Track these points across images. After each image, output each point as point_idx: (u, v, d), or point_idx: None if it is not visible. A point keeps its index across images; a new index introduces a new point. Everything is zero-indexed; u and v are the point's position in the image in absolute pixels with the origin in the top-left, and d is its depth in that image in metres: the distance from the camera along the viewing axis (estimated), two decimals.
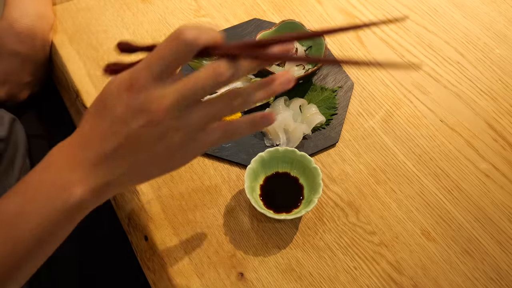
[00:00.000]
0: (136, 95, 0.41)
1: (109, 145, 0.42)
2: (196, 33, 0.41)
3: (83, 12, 0.86)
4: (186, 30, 0.41)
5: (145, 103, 0.41)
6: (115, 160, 0.43)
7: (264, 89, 0.45)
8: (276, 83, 0.45)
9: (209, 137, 0.45)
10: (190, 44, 0.41)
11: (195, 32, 0.41)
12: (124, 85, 0.42)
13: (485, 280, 0.62)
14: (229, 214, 0.65)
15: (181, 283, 0.60)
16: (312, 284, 0.61)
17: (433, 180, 0.69)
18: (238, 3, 0.88)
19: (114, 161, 0.43)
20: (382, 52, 0.83)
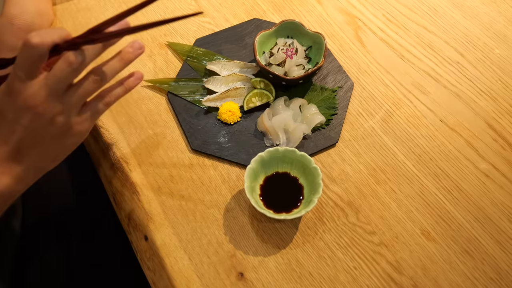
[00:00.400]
0: (15, 98, 0.51)
1: (13, 142, 0.52)
2: (40, 36, 0.49)
3: (83, 12, 0.86)
4: (31, 37, 0.49)
5: (25, 102, 0.51)
6: (23, 151, 0.53)
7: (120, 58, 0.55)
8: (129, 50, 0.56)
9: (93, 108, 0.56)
10: (37, 47, 0.49)
11: (40, 36, 0.49)
12: (5, 94, 0.52)
13: (485, 280, 0.62)
14: (229, 214, 0.65)
15: (181, 283, 0.60)
16: (312, 284, 0.61)
17: (433, 180, 0.69)
18: (238, 3, 0.89)
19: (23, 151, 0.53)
20: (382, 52, 0.83)
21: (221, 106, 0.73)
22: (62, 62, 0.51)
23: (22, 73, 0.50)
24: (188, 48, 0.81)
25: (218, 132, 0.72)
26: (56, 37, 0.51)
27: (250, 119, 0.73)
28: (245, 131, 0.72)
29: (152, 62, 0.80)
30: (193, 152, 0.71)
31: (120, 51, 0.56)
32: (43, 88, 0.51)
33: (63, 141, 0.56)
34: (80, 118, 0.55)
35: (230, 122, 0.73)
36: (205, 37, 0.83)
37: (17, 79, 0.51)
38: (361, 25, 0.87)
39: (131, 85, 0.59)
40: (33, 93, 0.51)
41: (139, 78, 0.59)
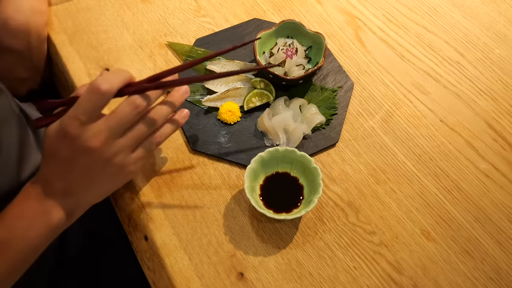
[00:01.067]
0: (73, 140, 0.52)
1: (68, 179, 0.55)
2: (109, 83, 0.52)
3: (83, 12, 0.86)
4: (100, 84, 0.52)
5: (84, 144, 0.53)
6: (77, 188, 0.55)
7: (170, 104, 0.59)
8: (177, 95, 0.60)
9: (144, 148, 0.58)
10: (106, 93, 0.52)
11: (109, 82, 0.52)
12: (60, 135, 0.53)
13: (485, 280, 0.62)
14: (229, 214, 0.65)
15: (181, 283, 0.60)
16: (312, 284, 0.61)
17: (433, 180, 0.69)
18: (238, 3, 0.89)
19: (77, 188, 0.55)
20: (382, 52, 0.83)
21: (221, 106, 0.73)
22: (128, 105, 0.54)
23: (84, 116, 0.52)
24: (188, 48, 0.81)
25: (218, 132, 0.72)
26: (122, 82, 0.54)
27: (250, 119, 0.73)
28: (245, 131, 0.72)
29: (152, 62, 0.80)
30: (193, 152, 0.71)
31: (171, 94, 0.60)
32: (105, 130, 0.53)
33: (115, 179, 0.58)
34: (134, 158, 0.57)
35: (230, 122, 0.73)
36: (205, 37, 0.83)
37: (77, 122, 0.52)
38: (361, 25, 0.87)
39: (179, 124, 0.62)
40: (92, 136, 0.53)
41: (186, 117, 0.62)
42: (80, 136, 0.52)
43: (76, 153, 0.53)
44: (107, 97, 0.52)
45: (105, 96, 0.52)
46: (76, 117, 0.52)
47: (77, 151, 0.53)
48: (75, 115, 0.52)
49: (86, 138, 0.52)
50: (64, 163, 0.54)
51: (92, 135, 0.53)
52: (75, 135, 0.52)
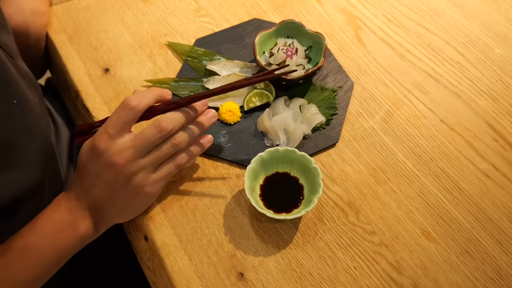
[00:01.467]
0: (101, 154, 0.56)
1: (94, 193, 0.57)
2: (138, 100, 0.56)
3: (83, 12, 0.86)
4: (130, 99, 0.56)
5: (109, 158, 0.55)
6: (101, 202, 0.58)
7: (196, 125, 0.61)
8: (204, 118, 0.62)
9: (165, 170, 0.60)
10: (133, 109, 0.56)
11: (137, 99, 0.56)
12: (91, 150, 0.56)
13: (485, 280, 0.62)
14: (229, 214, 0.65)
15: (181, 283, 0.60)
16: (312, 284, 0.61)
17: (433, 180, 0.69)
18: (238, 3, 0.89)
19: (101, 203, 0.58)
20: (382, 52, 0.83)
21: (221, 106, 0.73)
22: (153, 128, 0.56)
23: (113, 131, 0.55)
24: (188, 48, 0.81)
25: (218, 132, 0.72)
26: (151, 100, 0.58)
27: (250, 119, 0.73)
28: (245, 131, 0.72)
29: (152, 62, 0.80)
30: None
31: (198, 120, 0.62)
32: (129, 149, 0.56)
33: (135, 199, 0.60)
34: (153, 179, 0.59)
35: (230, 122, 0.73)
36: (205, 37, 0.83)
37: (106, 136, 0.55)
38: (361, 25, 0.87)
39: (200, 149, 0.63)
40: (118, 151, 0.55)
41: (210, 142, 0.64)
42: (107, 150, 0.55)
43: (102, 168, 0.56)
44: (135, 113, 0.56)
45: (133, 111, 0.55)
46: (105, 131, 0.55)
47: (103, 165, 0.56)
48: (105, 130, 0.56)
49: (111, 153, 0.55)
50: (91, 177, 0.57)
51: (117, 151, 0.55)
52: (103, 148, 0.55)
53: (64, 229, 0.57)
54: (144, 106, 0.57)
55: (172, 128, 0.57)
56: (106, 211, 0.59)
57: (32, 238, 0.56)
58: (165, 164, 0.60)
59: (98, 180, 0.57)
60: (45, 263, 0.57)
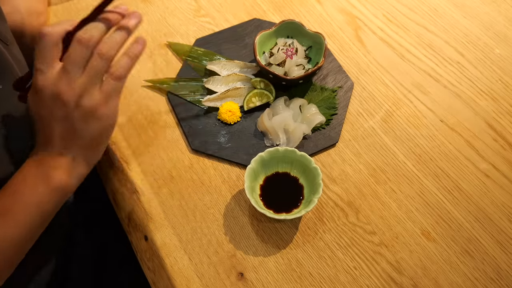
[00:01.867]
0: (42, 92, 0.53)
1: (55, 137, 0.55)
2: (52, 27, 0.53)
3: (83, 12, 0.85)
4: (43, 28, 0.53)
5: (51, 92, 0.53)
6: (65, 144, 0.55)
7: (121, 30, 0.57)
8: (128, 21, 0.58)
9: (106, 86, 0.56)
10: (49, 35, 0.53)
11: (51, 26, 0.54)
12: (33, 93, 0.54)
13: (485, 280, 0.62)
14: (229, 214, 0.65)
15: (181, 283, 0.60)
16: (312, 284, 0.61)
17: (433, 180, 0.69)
18: (238, 3, 0.89)
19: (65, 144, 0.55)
20: (382, 52, 0.83)
21: (221, 106, 0.73)
22: (73, 43, 0.53)
23: (42, 65, 0.53)
24: (188, 48, 0.81)
25: (218, 132, 0.72)
26: (66, 25, 0.54)
27: (250, 119, 0.73)
28: (245, 131, 0.72)
29: (152, 62, 0.80)
30: (193, 152, 0.71)
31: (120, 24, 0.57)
32: (63, 74, 0.53)
33: (95, 125, 0.56)
34: (102, 97, 0.55)
35: (230, 122, 0.73)
36: (205, 37, 0.83)
37: (39, 73, 0.53)
38: (361, 25, 0.87)
39: (135, 52, 0.58)
40: (55, 81, 0.53)
41: (142, 44, 0.58)
42: (45, 85, 0.53)
43: (49, 106, 0.54)
44: (51, 39, 0.53)
45: (49, 37, 0.53)
46: (36, 68, 0.53)
47: (49, 103, 0.54)
48: (35, 67, 0.53)
49: (49, 85, 0.53)
50: (46, 122, 0.55)
51: (54, 82, 0.53)
52: (41, 85, 0.53)
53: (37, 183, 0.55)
54: (60, 31, 0.53)
55: (91, 36, 0.53)
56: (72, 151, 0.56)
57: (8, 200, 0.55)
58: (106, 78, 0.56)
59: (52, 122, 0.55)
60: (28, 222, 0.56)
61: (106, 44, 0.55)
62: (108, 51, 0.55)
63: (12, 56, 0.63)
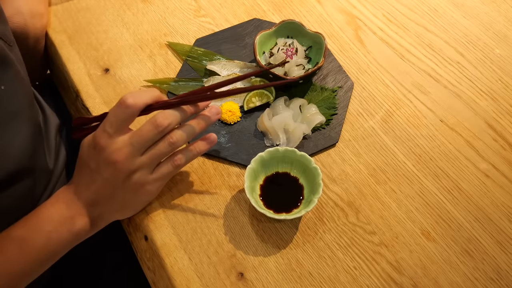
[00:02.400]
0: (100, 152, 0.56)
1: (93, 190, 0.57)
2: (134, 98, 0.55)
3: (83, 12, 0.86)
4: (126, 98, 0.55)
5: (108, 156, 0.55)
6: (100, 199, 0.58)
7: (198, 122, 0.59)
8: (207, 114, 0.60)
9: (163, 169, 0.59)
10: (131, 107, 0.55)
11: (134, 97, 0.55)
12: (91, 146, 0.57)
13: (485, 280, 0.62)
14: (229, 214, 0.65)
15: (181, 283, 0.60)
16: (312, 284, 0.61)
17: (433, 180, 0.69)
18: (238, 3, 0.89)
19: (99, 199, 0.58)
20: (382, 52, 0.83)
21: (221, 106, 0.73)
22: (149, 124, 0.55)
23: (111, 129, 0.55)
24: (188, 48, 0.81)
25: (218, 132, 0.72)
26: (149, 99, 0.57)
27: (250, 119, 0.73)
28: (245, 131, 0.72)
29: (152, 62, 0.80)
30: None
31: (199, 115, 0.60)
32: (127, 146, 0.55)
33: (135, 197, 0.60)
34: (152, 178, 0.58)
35: (230, 122, 0.73)
36: (205, 37, 0.83)
37: (105, 134, 0.55)
38: (361, 25, 0.87)
39: (202, 149, 0.61)
40: (116, 149, 0.55)
41: (213, 142, 0.61)
42: (106, 147, 0.55)
43: (101, 164, 0.56)
44: (132, 111, 0.55)
45: (130, 110, 0.55)
46: (105, 129, 0.55)
47: (102, 163, 0.56)
48: (104, 128, 0.56)
49: (111, 151, 0.55)
50: (91, 173, 0.57)
51: (116, 149, 0.55)
52: (103, 146, 0.55)
53: (61, 223, 0.57)
54: (141, 105, 0.56)
55: (168, 123, 0.56)
56: (104, 208, 0.59)
57: (30, 231, 0.57)
58: (163, 163, 0.59)
59: (97, 176, 0.57)
60: (41, 255, 0.57)
61: (178, 134, 0.57)
62: (179, 141, 0.57)
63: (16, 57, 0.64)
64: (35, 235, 0.56)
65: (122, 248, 0.78)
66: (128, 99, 0.55)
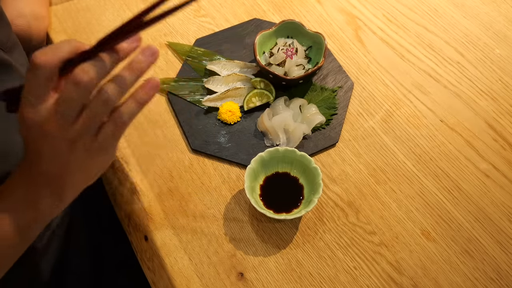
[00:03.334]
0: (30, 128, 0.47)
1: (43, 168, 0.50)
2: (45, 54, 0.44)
3: (83, 12, 0.86)
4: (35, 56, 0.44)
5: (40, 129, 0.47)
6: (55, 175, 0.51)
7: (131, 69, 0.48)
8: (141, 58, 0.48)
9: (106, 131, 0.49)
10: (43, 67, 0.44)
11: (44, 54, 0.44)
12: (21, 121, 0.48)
13: (485, 280, 0.62)
14: (229, 214, 0.65)
15: (181, 283, 0.60)
16: (312, 284, 0.61)
17: (433, 180, 0.69)
18: (238, 3, 0.89)
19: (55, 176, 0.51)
20: (382, 52, 0.83)
21: (221, 106, 0.73)
22: (69, 84, 0.46)
23: (31, 97, 0.46)
24: (188, 48, 0.81)
25: (218, 132, 0.72)
26: (64, 53, 0.46)
27: (250, 119, 0.73)
28: (245, 131, 0.72)
29: None
30: (193, 152, 0.71)
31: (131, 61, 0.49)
32: (54, 114, 0.46)
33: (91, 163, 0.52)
34: (98, 144, 0.50)
35: (230, 122, 0.73)
36: (205, 37, 0.83)
37: (28, 104, 0.46)
38: (361, 25, 0.87)
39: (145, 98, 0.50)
40: (45, 120, 0.47)
41: (155, 88, 0.50)
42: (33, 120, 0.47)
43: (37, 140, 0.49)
44: (45, 72, 0.45)
45: (42, 70, 0.44)
46: (26, 98, 0.46)
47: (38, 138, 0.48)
48: (24, 96, 0.46)
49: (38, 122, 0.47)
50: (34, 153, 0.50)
51: (44, 120, 0.47)
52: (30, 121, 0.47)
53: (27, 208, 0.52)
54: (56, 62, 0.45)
55: (90, 78, 0.45)
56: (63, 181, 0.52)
57: None
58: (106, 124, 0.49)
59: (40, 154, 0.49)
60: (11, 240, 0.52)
61: (110, 87, 0.47)
62: (112, 95, 0.47)
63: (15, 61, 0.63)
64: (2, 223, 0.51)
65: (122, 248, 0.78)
66: (36, 58, 0.44)
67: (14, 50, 0.65)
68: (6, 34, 0.63)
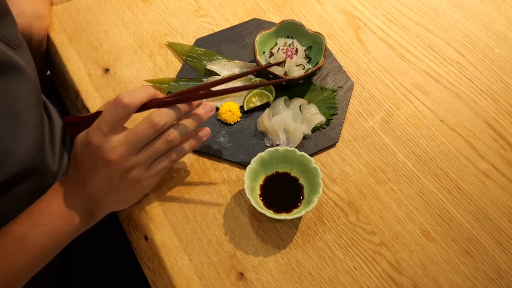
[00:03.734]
0: (95, 151, 0.56)
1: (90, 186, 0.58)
2: (131, 97, 0.55)
3: (83, 12, 0.86)
4: (123, 96, 0.55)
5: (103, 155, 0.55)
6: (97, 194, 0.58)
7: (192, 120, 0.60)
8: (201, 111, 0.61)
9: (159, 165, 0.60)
10: (127, 106, 0.55)
11: (130, 96, 0.55)
12: (85, 144, 0.57)
13: (485, 280, 0.62)
14: (229, 214, 0.65)
15: (181, 283, 0.60)
16: (312, 284, 0.61)
17: (433, 180, 0.69)
18: (238, 3, 0.89)
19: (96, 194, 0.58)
20: (382, 52, 0.83)
21: (221, 106, 0.73)
22: (146, 123, 0.56)
23: (106, 128, 0.55)
24: (188, 48, 0.81)
25: (218, 132, 0.72)
26: (144, 97, 0.57)
27: (250, 119, 0.73)
28: (245, 131, 0.72)
29: (152, 62, 0.80)
30: (193, 152, 0.71)
31: (193, 112, 0.61)
32: (123, 145, 0.55)
33: (131, 192, 0.61)
34: (149, 174, 0.59)
35: (230, 122, 0.73)
36: (205, 37, 0.83)
37: (100, 133, 0.55)
38: (361, 25, 0.87)
39: (196, 144, 0.62)
40: (111, 148, 0.55)
41: (206, 135, 0.63)
42: (101, 147, 0.55)
43: (97, 163, 0.56)
44: (127, 110, 0.55)
45: (126, 109, 0.55)
46: (99, 128, 0.55)
47: (98, 161, 0.56)
48: (98, 126, 0.55)
49: (106, 150, 0.55)
50: (87, 170, 0.57)
51: (111, 148, 0.55)
52: (97, 145, 0.55)
53: (61, 218, 0.58)
54: (138, 104, 0.56)
55: (165, 123, 0.56)
56: (102, 202, 0.60)
57: (30, 226, 0.57)
58: (160, 159, 0.60)
59: (93, 174, 0.57)
60: (42, 250, 0.58)
61: (175, 132, 0.58)
62: (176, 138, 0.58)
63: (22, 58, 0.64)
64: (36, 230, 0.57)
65: (122, 248, 0.78)
66: (125, 98, 0.55)
67: (21, 47, 0.66)
68: (14, 32, 0.64)
